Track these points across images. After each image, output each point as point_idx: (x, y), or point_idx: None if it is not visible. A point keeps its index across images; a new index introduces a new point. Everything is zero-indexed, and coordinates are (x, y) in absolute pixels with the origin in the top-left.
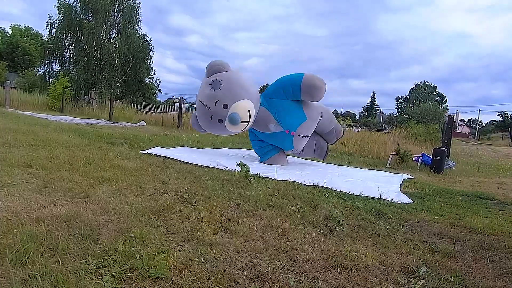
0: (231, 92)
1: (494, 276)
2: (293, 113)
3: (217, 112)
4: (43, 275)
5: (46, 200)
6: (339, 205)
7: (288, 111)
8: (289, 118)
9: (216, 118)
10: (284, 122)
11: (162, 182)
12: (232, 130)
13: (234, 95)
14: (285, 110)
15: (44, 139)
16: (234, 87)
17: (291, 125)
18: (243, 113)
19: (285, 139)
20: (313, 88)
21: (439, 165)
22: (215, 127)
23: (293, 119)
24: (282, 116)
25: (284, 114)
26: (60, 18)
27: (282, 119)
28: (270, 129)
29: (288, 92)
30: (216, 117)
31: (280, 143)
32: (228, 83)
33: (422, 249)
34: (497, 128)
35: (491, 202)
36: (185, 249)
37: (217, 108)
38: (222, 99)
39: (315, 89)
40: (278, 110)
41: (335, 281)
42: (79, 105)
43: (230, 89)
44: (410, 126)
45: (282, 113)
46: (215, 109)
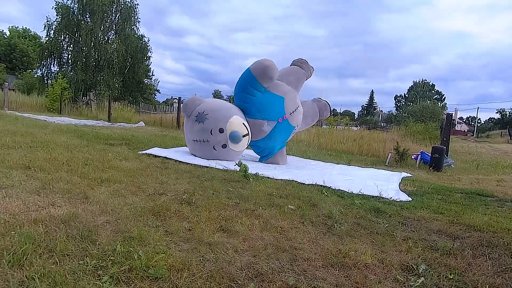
0: (218, 115)
1: (493, 273)
2: (272, 101)
3: (218, 139)
4: (41, 276)
5: (44, 201)
6: (338, 203)
7: (265, 104)
8: (270, 108)
9: (219, 146)
10: (271, 115)
11: (161, 183)
12: (238, 150)
13: (222, 117)
14: (263, 106)
15: (42, 141)
16: (218, 110)
17: (277, 112)
18: (240, 128)
19: (284, 127)
20: (265, 68)
21: (438, 163)
22: (223, 154)
23: (274, 106)
24: (266, 111)
25: (266, 109)
26: (58, 20)
27: (267, 114)
28: (266, 130)
29: (251, 90)
30: (219, 144)
31: (284, 134)
32: (211, 110)
33: (422, 246)
34: (496, 125)
35: (490, 199)
36: (184, 249)
37: (215, 136)
38: (215, 126)
39: (268, 68)
40: (259, 110)
41: (334, 279)
42: (78, 106)
43: (216, 114)
44: (409, 125)
45: (263, 109)
46: (214, 139)
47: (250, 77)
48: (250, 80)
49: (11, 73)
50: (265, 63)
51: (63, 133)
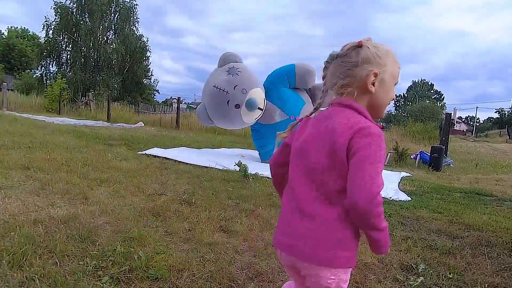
0: (249, 78)
1: (492, 272)
2: (293, 99)
3: (236, 97)
4: (41, 277)
5: (43, 202)
6: None
7: (288, 98)
8: (290, 104)
9: (233, 103)
10: (288, 109)
11: (161, 183)
12: (246, 118)
13: (251, 82)
14: (285, 98)
15: (41, 141)
16: (251, 75)
17: (294, 110)
18: (260, 100)
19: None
20: (307, 73)
21: (437, 163)
22: (230, 113)
23: (295, 104)
24: (285, 104)
25: (286, 102)
26: (57, 20)
27: (285, 106)
28: (276, 118)
29: (285, 81)
30: (234, 102)
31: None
32: (245, 71)
33: (421, 246)
34: (495, 125)
35: (489, 199)
36: (184, 249)
37: (236, 92)
38: (241, 84)
39: (309, 74)
40: (280, 99)
41: None
42: (77, 106)
43: (248, 76)
44: (408, 124)
45: (284, 101)
46: (233, 93)
47: (291, 71)
48: (290, 73)
49: (9, 74)
50: (310, 68)
51: (62, 134)
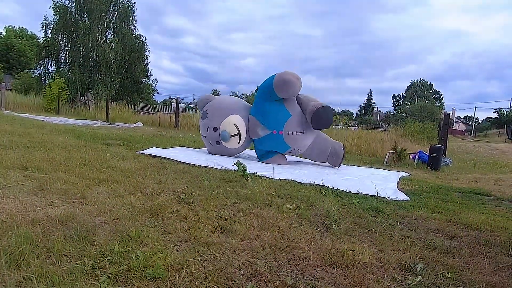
0: (215, 115)
1: (490, 272)
2: (276, 113)
3: (212, 137)
4: (39, 277)
5: (41, 201)
6: (336, 203)
7: (270, 112)
8: (271, 118)
9: (213, 142)
10: (269, 123)
11: (159, 183)
12: (231, 146)
13: (218, 117)
14: (267, 112)
15: (39, 141)
16: (217, 110)
17: (275, 124)
18: (230, 129)
19: (276, 140)
20: (284, 83)
21: (435, 162)
22: (218, 149)
23: (276, 118)
24: (266, 118)
25: (267, 116)
26: (56, 19)
27: (266, 121)
28: (259, 133)
29: (267, 94)
30: (213, 141)
31: (274, 145)
32: (212, 109)
33: (419, 245)
34: (494, 125)
35: (488, 198)
36: (182, 249)
37: (210, 133)
38: (211, 124)
39: (287, 83)
40: (262, 114)
41: (332, 278)
42: (76, 106)
43: (214, 113)
44: (407, 124)
45: (265, 115)
46: (209, 135)
47: (270, 84)
48: (269, 86)
49: (8, 73)
50: (285, 77)
51: (60, 133)
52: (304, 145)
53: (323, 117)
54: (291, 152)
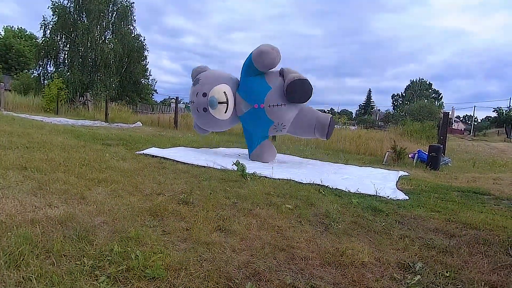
0: (206, 82)
1: (489, 271)
2: (256, 86)
3: (200, 102)
4: (38, 277)
5: (41, 202)
6: (335, 202)
7: (251, 86)
8: (252, 93)
9: (201, 108)
10: (250, 97)
11: (158, 183)
12: (219, 115)
13: (210, 84)
14: (248, 87)
15: (39, 141)
16: (209, 77)
17: (256, 98)
18: (219, 95)
19: (258, 115)
20: (260, 53)
21: (435, 162)
22: (204, 118)
23: (257, 92)
24: (247, 93)
25: (248, 91)
26: (54, 19)
27: (247, 95)
28: (242, 109)
29: (248, 69)
30: (201, 107)
31: (257, 121)
32: (205, 77)
33: (418, 245)
34: (493, 124)
35: (487, 198)
36: (181, 249)
37: (199, 99)
38: (201, 90)
39: (263, 53)
40: (244, 89)
41: (331, 278)
42: (75, 106)
43: (206, 80)
44: (406, 124)
45: (247, 90)
46: (197, 100)
47: (250, 58)
48: (249, 60)
49: (7, 74)
50: (261, 48)
51: (60, 134)
52: (287, 119)
53: (298, 90)
54: (276, 128)
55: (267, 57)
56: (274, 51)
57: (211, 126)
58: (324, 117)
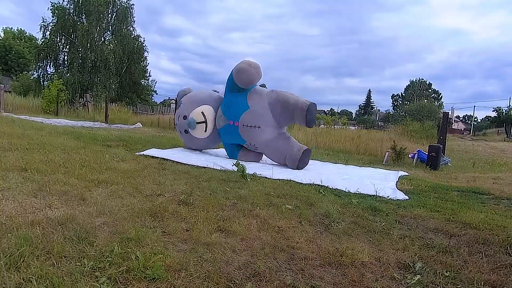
0: (186, 105)
1: (489, 270)
2: (236, 104)
3: (181, 125)
4: (39, 278)
5: (41, 203)
6: (335, 203)
7: (232, 103)
8: (231, 109)
9: (183, 130)
10: (228, 113)
11: (158, 183)
12: (197, 136)
13: (189, 107)
14: (229, 103)
15: (39, 143)
16: (189, 101)
17: (233, 115)
18: (196, 116)
19: (232, 131)
20: (238, 71)
21: (434, 162)
22: (187, 138)
23: (235, 109)
24: (226, 108)
25: (228, 106)
26: (54, 21)
27: (226, 111)
28: (220, 123)
29: (230, 85)
30: (182, 129)
31: (231, 137)
32: (186, 100)
33: (418, 244)
34: (492, 123)
35: (486, 197)
36: (181, 250)
37: (180, 121)
38: (182, 113)
39: (241, 71)
40: (225, 104)
41: (331, 278)
42: (75, 107)
43: (186, 104)
44: (406, 123)
45: (227, 105)
46: (179, 123)
47: (231, 74)
48: (230, 76)
49: (6, 75)
50: (240, 66)
51: (59, 135)
52: (259, 141)
53: (313, 111)
54: (249, 147)
55: (245, 75)
56: (252, 68)
57: (195, 145)
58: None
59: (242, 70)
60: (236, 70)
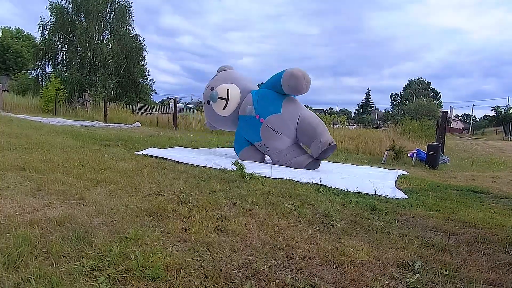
0: (218, 79)
1: (488, 269)
2: (271, 103)
3: (206, 94)
4: (37, 278)
5: (39, 203)
6: (334, 202)
7: (267, 100)
8: (263, 106)
9: (206, 100)
10: (258, 108)
11: (157, 183)
12: (216, 110)
13: (220, 81)
14: (264, 98)
15: (37, 142)
16: (223, 76)
17: (263, 111)
18: (221, 91)
19: (253, 125)
20: (291, 77)
21: (433, 161)
22: (207, 110)
23: (267, 107)
24: (259, 102)
25: (262, 101)
26: (52, 20)
27: (258, 104)
28: (246, 111)
29: (275, 85)
30: (206, 99)
31: (249, 130)
32: (220, 75)
33: (417, 243)
34: (491, 122)
35: (485, 196)
36: (180, 249)
37: (207, 91)
38: (211, 84)
39: (293, 78)
40: (260, 97)
41: (331, 277)
42: (73, 107)
43: (219, 77)
44: (405, 123)
45: (261, 99)
46: (205, 92)
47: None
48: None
49: (5, 74)
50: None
51: (58, 134)
52: (273, 147)
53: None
54: (260, 147)
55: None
56: (304, 80)
57: (214, 120)
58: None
59: (294, 76)
60: (290, 74)
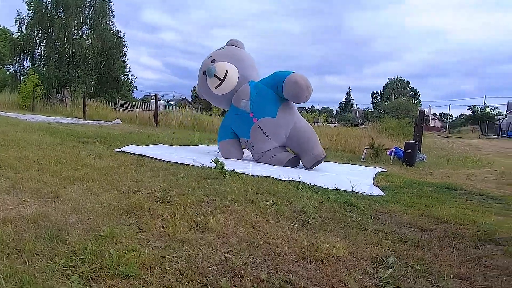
0: (223, 54)
1: (459, 263)
2: (267, 104)
3: (206, 64)
4: (7, 276)
5: (13, 200)
6: (312, 199)
7: (264, 99)
8: (259, 105)
9: (202, 70)
10: (254, 105)
11: (136, 180)
12: (209, 85)
13: (224, 57)
14: (262, 97)
15: (13, 139)
16: (228, 53)
17: (258, 111)
18: (219, 70)
19: (245, 122)
20: (294, 84)
21: (410, 158)
22: (201, 80)
23: (263, 108)
24: (256, 99)
25: (259, 99)
26: (30, 14)
27: (254, 101)
28: (240, 104)
29: (275, 85)
30: (203, 69)
31: (239, 124)
32: (228, 49)
33: (391, 239)
34: (468, 121)
35: (459, 193)
36: (156, 247)
37: (207, 61)
38: (214, 56)
39: (295, 86)
40: (258, 93)
41: (306, 273)
42: (52, 103)
43: (225, 52)
44: (384, 121)
45: (258, 96)
46: (206, 62)
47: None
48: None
49: None
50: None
51: (35, 131)
52: (260, 147)
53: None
54: (245, 144)
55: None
56: (306, 91)
57: (204, 92)
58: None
59: (298, 85)
60: (293, 82)
